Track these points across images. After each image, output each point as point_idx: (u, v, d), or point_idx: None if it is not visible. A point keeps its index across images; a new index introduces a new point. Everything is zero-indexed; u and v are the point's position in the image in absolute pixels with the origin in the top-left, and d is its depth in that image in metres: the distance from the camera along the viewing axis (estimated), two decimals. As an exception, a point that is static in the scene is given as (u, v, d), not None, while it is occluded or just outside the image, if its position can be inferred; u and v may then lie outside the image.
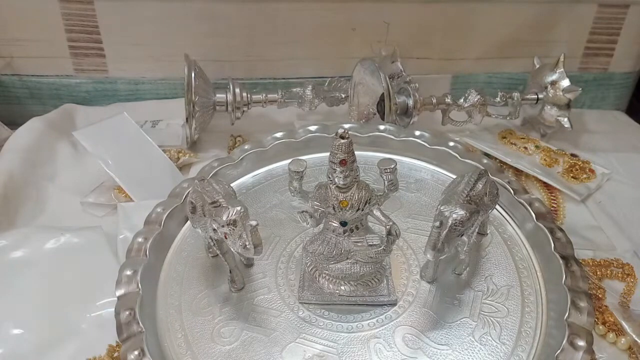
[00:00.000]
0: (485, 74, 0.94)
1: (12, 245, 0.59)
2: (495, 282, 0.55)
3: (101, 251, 0.60)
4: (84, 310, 0.55)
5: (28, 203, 0.69)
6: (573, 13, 0.89)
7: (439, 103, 0.80)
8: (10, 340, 0.53)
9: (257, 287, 0.55)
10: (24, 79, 0.88)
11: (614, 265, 0.62)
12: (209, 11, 0.85)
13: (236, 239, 0.47)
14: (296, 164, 0.51)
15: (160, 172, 0.73)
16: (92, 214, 0.69)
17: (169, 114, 0.87)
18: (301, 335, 0.51)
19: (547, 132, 0.85)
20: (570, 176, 0.76)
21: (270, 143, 0.69)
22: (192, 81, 0.74)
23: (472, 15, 0.88)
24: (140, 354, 0.46)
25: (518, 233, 0.60)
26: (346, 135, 0.47)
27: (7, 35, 0.85)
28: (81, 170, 0.75)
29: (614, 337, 0.55)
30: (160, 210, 0.59)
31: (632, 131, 0.92)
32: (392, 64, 0.82)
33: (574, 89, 0.80)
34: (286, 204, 0.64)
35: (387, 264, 0.55)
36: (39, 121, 0.79)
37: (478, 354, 0.49)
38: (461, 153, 0.67)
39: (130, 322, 0.48)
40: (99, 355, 0.52)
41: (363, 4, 0.86)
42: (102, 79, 0.90)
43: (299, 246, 0.58)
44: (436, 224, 0.47)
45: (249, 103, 0.81)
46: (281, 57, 0.90)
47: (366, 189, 0.50)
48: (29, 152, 0.74)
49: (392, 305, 0.53)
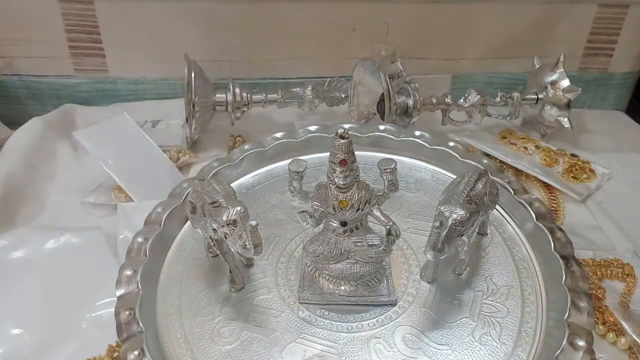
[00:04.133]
0: (485, 74, 0.94)
1: (12, 245, 0.59)
2: (495, 282, 0.55)
3: (101, 251, 0.60)
4: (84, 310, 0.56)
5: (28, 203, 0.69)
6: (573, 13, 0.89)
7: (439, 103, 0.80)
8: (10, 340, 0.53)
9: (257, 287, 0.55)
10: (24, 79, 0.88)
11: (614, 265, 0.62)
12: (209, 11, 0.85)
13: (236, 239, 0.47)
14: (296, 164, 0.51)
15: (160, 172, 0.73)
16: (92, 214, 0.69)
17: (169, 114, 0.87)
18: (301, 335, 0.51)
19: (547, 132, 0.85)
20: (570, 176, 0.76)
21: (270, 143, 0.69)
22: (192, 81, 0.74)
23: (472, 15, 0.88)
24: (140, 354, 0.46)
25: (518, 233, 0.60)
26: (346, 135, 0.47)
27: (7, 35, 0.85)
28: (81, 170, 0.75)
29: (614, 337, 0.55)
30: (160, 210, 0.59)
31: (632, 131, 0.92)
32: (392, 64, 0.82)
33: (574, 89, 0.80)
34: (286, 204, 0.64)
35: (387, 264, 0.55)
36: (39, 121, 0.79)
37: (478, 354, 0.49)
38: (461, 153, 0.67)
39: (130, 322, 0.48)
40: (99, 355, 0.52)
41: (363, 4, 0.86)
42: (102, 79, 0.90)
43: (299, 246, 0.58)
44: (436, 224, 0.47)
45: (249, 103, 0.81)
46: (281, 57, 0.90)
47: (366, 189, 0.50)
48: (29, 152, 0.74)
49: (392, 306, 0.53)
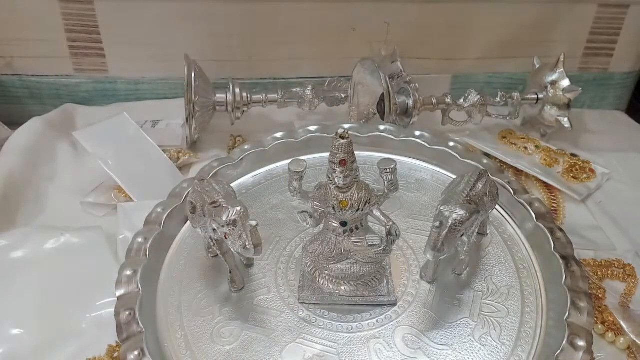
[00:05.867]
0: (485, 74, 0.94)
1: (12, 245, 0.59)
2: (495, 282, 0.55)
3: (101, 251, 0.60)
4: (84, 310, 0.55)
5: (28, 203, 0.69)
6: (573, 13, 0.89)
7: (439, 103, 0.80)
8: (10, 340, 0.53)
9: (257, 287, 0.55)
10: (24, 78, 0.88)
11: (615, 265, 0.62)
12: (209, 11, 0.85)
13: (236, 239, 0.47)
14: (296, 164, 0.51)
15: (160, 172, 0.73)
16: (92, 214, 0.69)
17: (169, 114, 0.87)
18: (301, 335, 0.51)
19: (547, 132, 0.85)
20: (570, 176, 0.76)
21: (270, 143, 0.69)
22: (192, 81, 0.74)
23: (472, 15, 0.88)
24: (140, 354, 0.46)
25: (518, 233, 0.60)
26: (346, 135, 0.47)
27: (7, 35, 0.85)
28: (81, 170, 0.75)
29: (613, 336, 0.55)
30: (160, 211, 0.59)
31: (632, 131, 0.92)
32: (392, 64, 0.82)
33: (574, 89, 0.80)
34: (286, 204, 0.64)
35: (387, 264, 0.55)
36: (39, 121, 0.79)
37: (478, 354, 0.49)
38: (461, 153, 0.67)
39: (130, 322, 0.48)
40: (99, 355, 0.52)
41: (363, 4, 0.86)
42: (102, 79, 0.90)
43: (299, 246, 0.58)
44: (436, 224, 0.47)
45: (249, 103, 0.81)
46: (281, 57, 0.90)
47: (366, 189, 0.50)
48: (29, 152, 0.74)
49: (392, 306, 0.53)
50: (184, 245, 0.59)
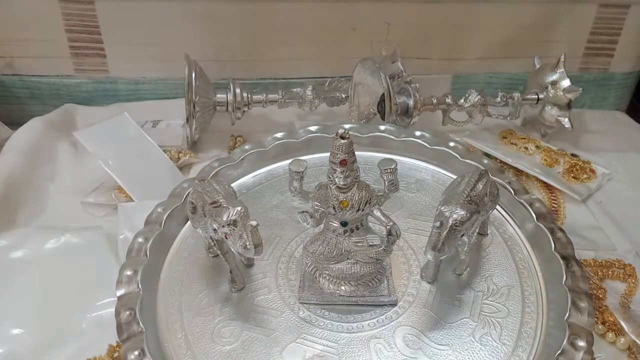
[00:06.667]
0: (485, 74, 0.94)
1: (12, 245, 0.59)
2: (496, 282, 0.55)
3: (101, 251, 0.60)
4: (84, 310, 0.55)
5: (28, 203, 0.69)
6: (573, 13, 0.89)
7: (439, 103, 0.80)
8: (10, 340, 0.53)
9: (257, 287, 0.55)
10: (24, 79, 0.88)
11: (615, 265, 0.62)
12: (209, 11, 0.85)
13: (236, 239, 0.47)
14: (296, 164, 0.51)
15: (161, 172, 0.73)
16: (92, 214, 0.69)
17: (170, 114, 0.87)
18: (301, 335, 0.50)
19: (547, 132, 0.85)
20: (570, 176, 0.76)
21: (270, 143, 0.69)
22: (192, 81, 0.74)
23: (472, 15, 0.88)
24: (140, 354, 0.46)
25: (518, 233, 0.60)
26: (346, 135, 0.47)
27: (7, 35, 0.85)
28: (81, 170, 0.75)
29: (614, 336, 0.55)
30: (160, 211, 0.59)
31: (632, 131, 0.92)
32: (393, 64, 0.82)
33: (575, 89, 0.79)
34: (287, 204, 0.64)
35: (388, 264, 0.55)
36: (39, 121, 0.79)
37: (478, 354, 0.49)
38: (461, 153, 0.67)
39: (131, 322, 0.48)
40: (99, 355, 0.52)
41: (363, 4, 0.86)
42: (102, 79, 0.90)
43: (299, 246, 0.58)
44: (436, 224, 0.47)
45: (249, 103, 0.81)
46: (281, 57, 0.90)
47: (366, 189, 0.50)
48: (29, 152, 0.74)
49: (393, 306, 0.53)
50: (185, 245, 0.59)
